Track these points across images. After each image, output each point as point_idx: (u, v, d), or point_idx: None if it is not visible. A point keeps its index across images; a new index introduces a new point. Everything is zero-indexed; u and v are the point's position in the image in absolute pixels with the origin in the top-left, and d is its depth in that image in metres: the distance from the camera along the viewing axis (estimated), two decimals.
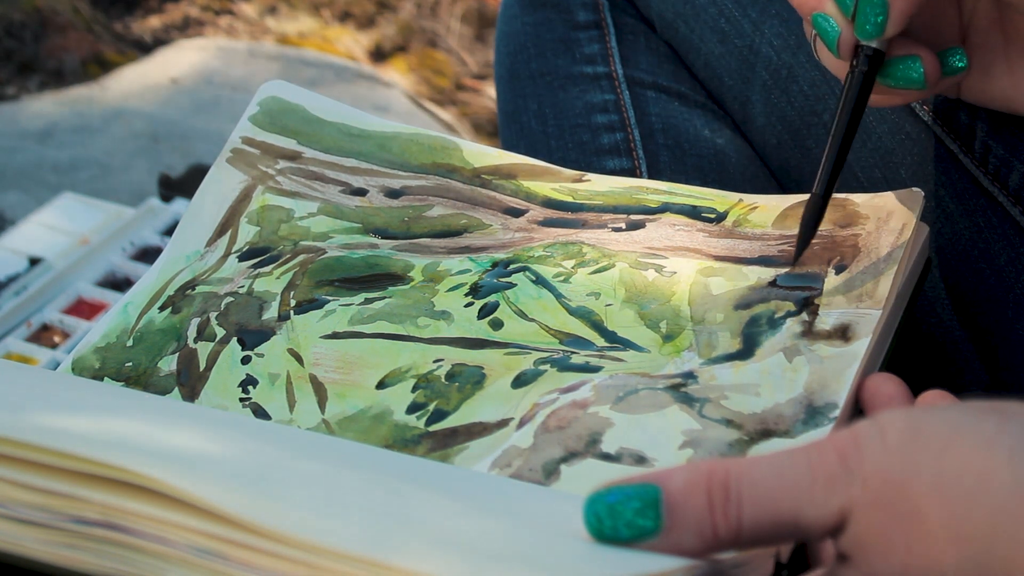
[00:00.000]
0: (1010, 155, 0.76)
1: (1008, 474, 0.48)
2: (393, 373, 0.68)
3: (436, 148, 0.77)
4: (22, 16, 1.79)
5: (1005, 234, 0.77)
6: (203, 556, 0.49)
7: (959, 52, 0.69)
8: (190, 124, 1.67)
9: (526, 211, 0.75)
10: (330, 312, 0.71)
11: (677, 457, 0.62)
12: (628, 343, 0.68)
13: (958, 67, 0.69)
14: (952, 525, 0.48)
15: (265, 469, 0.55)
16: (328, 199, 0.75)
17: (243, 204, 0.75)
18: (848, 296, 0.67)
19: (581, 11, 0.92)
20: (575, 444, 0.63)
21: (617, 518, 0.50)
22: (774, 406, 0.64)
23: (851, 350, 0.65)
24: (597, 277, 0.71)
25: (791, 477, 0.50)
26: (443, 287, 0.71)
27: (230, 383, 0.68)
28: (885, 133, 0.80)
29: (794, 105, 0.84)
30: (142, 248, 1.22)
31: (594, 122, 0.88)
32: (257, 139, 0.77)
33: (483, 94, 1.79)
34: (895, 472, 0.49)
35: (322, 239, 0.74)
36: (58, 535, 0.51)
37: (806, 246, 0.69)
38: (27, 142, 1.63)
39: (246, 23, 1.89)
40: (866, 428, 0.50)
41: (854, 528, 0.50)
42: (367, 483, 0.56)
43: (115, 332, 0.71)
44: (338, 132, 0.78)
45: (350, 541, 0.48)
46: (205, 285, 0.72)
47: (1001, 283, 0.77)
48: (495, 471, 0.63)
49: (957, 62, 0.69)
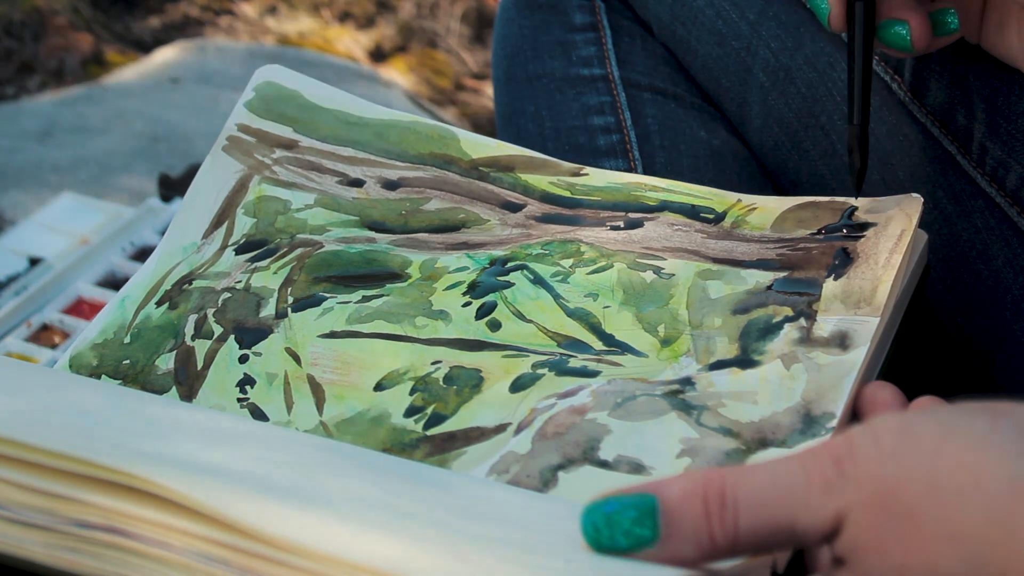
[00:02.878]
0: (1007, 156, 0.76)
1: (1001, 471, 0.48)
2: (391, 375, 0.68)
3: (433, 138, 0.77)
4: (22, 16, 1.79)
5: (1003, 235, 0.77)
6: (204, 562, 0.50)
7: (951, 14, 0.71)
8: (190, 124, 1.67)
9: (524, 206, 0.75)
10: (328, 310, 0.70)
11: (675, 466, 0.62)
12: (626, 347, 0.68)
13: (950, 29, 0.71)
14: (947, 524, 0.48)
15: (267, 474, 0.55)
16: (325, 190, 0.75)
17: (239, 195, 0.75)
18: (846, 302, 0.67)
19: (578, 13, 0.92)
20: (573, 451, 0.63)
21: (615, 527, 0.50)
22: (772, 415, 0.64)
23: (849, 359, 0.65)
24: (595, 278, 0.71)
25: (786, 483, 0.50)
26: (441, 285, 0.71)
27: (228, 382, 0.68)
28: (883, 135, 0.80)
29: (791, 107, 0.84)
30: (142, 248, 1.22)
31: (591, 124, 0.88)
32: (253, 126, 0.77)
33: (483, 94, 1.79)
34: (889, 474, 0.49)
35: (319, 232, 0.74)
36: (60, 538, 0.52)
37: (863, 176, 0.73)
38: (27, 142, 1.63)
39: (246, 23, 1.89)
40: (860, 433, 0.51)
41: (850, 531, 0.50)
42: (367, 489, 0.56)
43: (112, 328, 0.71)
44: (335, 119, 0.78)
45: (350, 548, 0.48)
46: (202, 280, 0.72)
47: (999, 284, 0.78)
48: (493, 476, 0.63)
49: (950, 24, 0.71)
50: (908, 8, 0.70)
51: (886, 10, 0.70)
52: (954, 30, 0.71)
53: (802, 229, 0.71)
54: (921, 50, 0.70)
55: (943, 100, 0.78)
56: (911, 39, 0.70)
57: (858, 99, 0.72)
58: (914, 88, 0.79)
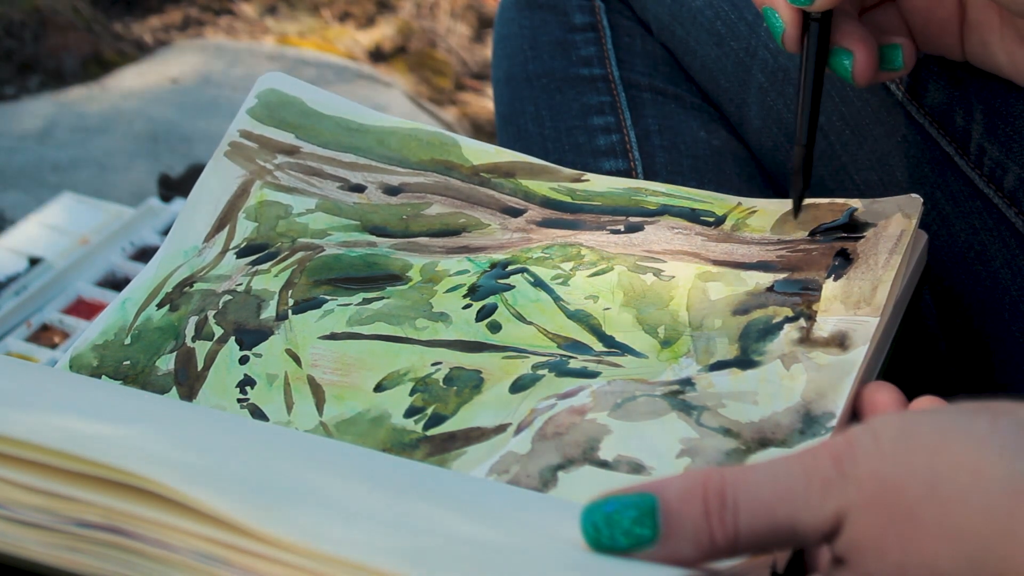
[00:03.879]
0: (1005, 157, 0.76)
1: (1001, 471, 0.48)
2: (391, 376, 0.68)
3: (435, 144, 0.77)
4: (22, 16, 1.79)
5: (1001, 236, 0.77)
6: (205, 561, 0.50)
7: (898, 50, 0.71)
8: (190, 124, 1.67)
9: (524, 211, 0.75)
10: (328, 312, 0.71)
11: (675, 466, 0.62)
12: (626, 348, 0.68)
13: (895, 66, 0.72)
14: (946, 524, 0.48)
15: (267, 474, 0.55)
16: (326, 195, 0.75)
17: (241, 199, 0.75)
18: (846, 303, 0.67)
19: (578, 13, 0.92)
20: (573, 451, 0.63)
21: (614, 527, 0.50)
22: (771, 415, 0.64)
23: (848, 359, 0.65)
24: (595, 280, 0.71)
25: (786, 483, 0.50)
26: (441, 288, 0.71)
27: (228, 383, 0.68)
28: (881, 136, 0.81)
29: (790, 107, 0.84)
30: (142, 248, 1.22)
31: (590, 124, 0.88)
32: (255, 132, 0.77)
33: (483, 94, 1.79)
34: (889, 474, 0.49)
35: (320, 236, 0.74)
36: (60, 538, 0.51)
37: (803, 198, 0.72)
38: (27, 142, 1.63)
39: (246, 23, 1.89)
40: (859, 432, 0.51)
41: (849, 531, 0.50)
42: (368, 489, 0.56)
43: (113, 329, 0.71)
44: (336, 126, 0.78)
45: (351, 547, 0.48)
46: (203, 282, 0.72)
47: (997, 285, 0.78)
48: (493, 477, 0.63)
49: (895, 62, 0.71)
50: (858, 39, 0.71)
51: (837, 37, 0.71)
52: (898, 68, 0.72)
53: (802, 231, 0.72)
54: (863, 84, 0.71)
55: (941, 101, 0.78)
56: (853, 72, 0.71)
57: (804, 121, 0.72)
58: (912, 89, 0.79)
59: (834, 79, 0.82)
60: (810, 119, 0.72)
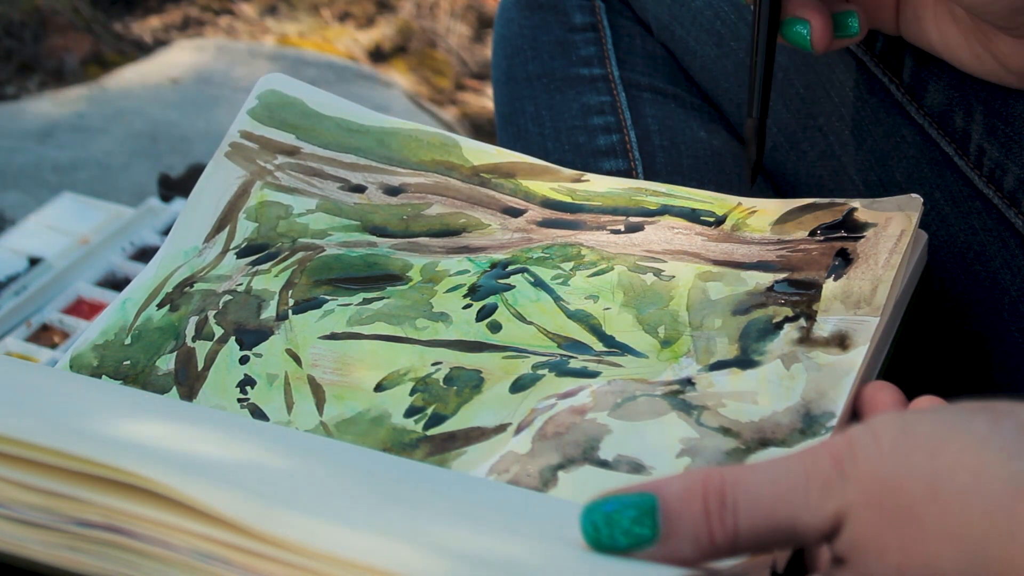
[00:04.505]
0: (1005, 158, 0.76)
1: (1001, 471, 0.48)
2: (391, 375, 0.68)
3: (435, 145, 0.77)
4: (22, 16, 1.80)
5: (1000, 237, 0.77)
6: (205, 561, 0.50)
7: (853, 16, 0.72)
8: (190, 124, 1.67)
9: (525, 211, 0.75)
10: (328, 312, 0.71)
11: (675, 465, 0.62)
12: (626, 348, 0.68)
13: (851, 32, 0.73)
14: (947, 524, 0.48)
15: (267, 473, 0.55)
16: (327, 196, 0.75)
17: (241, 200, 0.75)
18: (846, 303, 0.67)
19: (578, 13, 0.92)
20: (573, 451, 0.63)
21: (614, 527, 0.50)
22: (771, 415, 0.64)
23: (848, 358, 0.65)
24: (595, 280, 0.71)
25: (786, 483, 0.50)
26: (442, 288, 0.71)
27: (228, 383, 0.68)
28: (880, 136, 0.81)
29: (789, 108, 0.84)
30: (142, 248, 1.22)
31: (590, 124, 0.88)
32: (256, 133, 0.77)
33: (483, 94, 1.79)
34: (889, 474, 0.49)
35: (320, 236, 0.74)
36: (60, 537, 0.52)
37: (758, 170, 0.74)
38: (27, 142, 1.63)
39: (246, 23, 1.89)
40: (860, 432, 0.51)
41: (849, 531, 0.50)
42: (368, 488, 0.56)
43: (113, 329, 0.71)
44: (337, 127, 0.78)
45: (351, 547, 0.48)
46: (203, 283, 0.72)
47: (996, 285, 0.78)
48: (493, 476, 0.63)
49: (851, 27, 0.72)
50: (812, 8, 0.71)
51: (791, 8, 0.72)
52: (855, 33, 0.73)
53: (802, 231, 0.72)
54: (820, 51, 0.72)
55: (941, 101, 0.78)
56: (811, 39, 0.71)
57: (758, 94, 0.73)
58: (912, 89, 0.79)
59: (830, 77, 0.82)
60: (763, 91, 0.73)
